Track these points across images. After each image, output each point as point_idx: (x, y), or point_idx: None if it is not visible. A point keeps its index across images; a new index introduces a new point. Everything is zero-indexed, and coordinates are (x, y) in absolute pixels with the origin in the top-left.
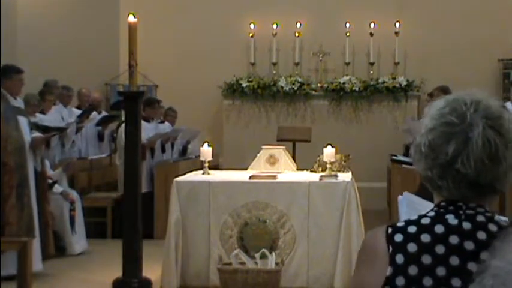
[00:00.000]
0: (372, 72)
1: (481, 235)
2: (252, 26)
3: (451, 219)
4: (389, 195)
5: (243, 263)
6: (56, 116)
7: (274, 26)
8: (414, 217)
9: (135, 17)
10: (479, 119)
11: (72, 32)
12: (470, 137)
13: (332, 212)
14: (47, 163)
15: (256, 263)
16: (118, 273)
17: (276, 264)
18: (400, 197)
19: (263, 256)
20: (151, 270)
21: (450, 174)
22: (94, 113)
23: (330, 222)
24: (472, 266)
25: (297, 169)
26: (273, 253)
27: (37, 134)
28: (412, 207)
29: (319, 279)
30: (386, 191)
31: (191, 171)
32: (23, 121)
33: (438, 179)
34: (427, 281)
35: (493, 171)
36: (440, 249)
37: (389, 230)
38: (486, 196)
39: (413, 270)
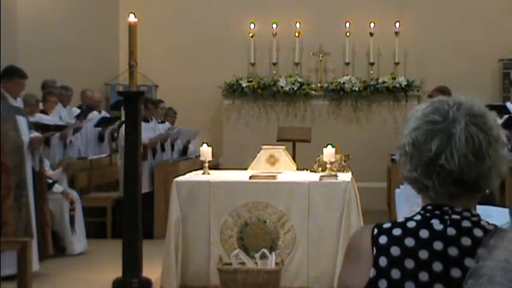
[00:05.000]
0: (372, 72)
1: (466, 241)
2: (252, 26)
3: (436, 224)
4: (389, 195)
5: (243, 263)
6: (55, 115)
7: (274, 26)
8: (401, 219)
9: (135, 17)
10: (461, 116)
11: (72, 32)
12: (453, 133)
13: (332, 212)
14: (47, 163)
15: (256, 263)
16: (118, 273)
17: (276, 264)
18: (397, 190)
19: (263, 256)
20: (151, 270)
21: (435, 171)
22: (95, 112)
23: (330, 222)
24: (455, 272)
25: (297, 169)
26: (273, 253)
27: (36, 134)
28: (412, 200)
29: (319, 279)
30: (386, 191)
31: (191, 171)
32: (21, 121)
33: (424, 178)
34: (410, 285)
35: (478, 167)
36: (423, 254)
37: (375, 230)
38: (472, 194)
39: (395, 274)
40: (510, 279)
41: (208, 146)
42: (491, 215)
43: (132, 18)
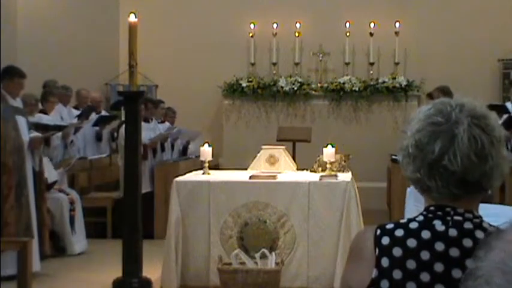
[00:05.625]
0: (371, 72)
1: (467, 242)
2: (252, 26)
3: (438, 225)
4: (389, 195)
5: (243, 263)
6: (56, 115)
7: (274, 26)
8: (404, 220)
9: (135, 17)
10: (464, 118)
11: (72, 32)
12: (456, 134)
13: (332, 212)
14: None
15: (256, 263)
16: (118, 273)
17: (276, 264)
18: (408, 189)
19: (263, 256)
20: (151, 270)
21: (438, 172)
22: (93, 113)
23: (330, 222)
24: (456, 273)
25: (297, 169)
26: (273, 253)
27: (35, 134)
28: (419, 200)
29: (319, 279)
30: (386, 191)
31: (191, 171)
32: (21, 121)
33: (427, 180)
34: (411, 286)
35: (480, 168)
36: (425, 255)
37: (378, 231)
38: (474, 195)
39: (397, 274)
40: (508, 281)
41: (209, 146)
42: (499, 213)
43: (132, 18)
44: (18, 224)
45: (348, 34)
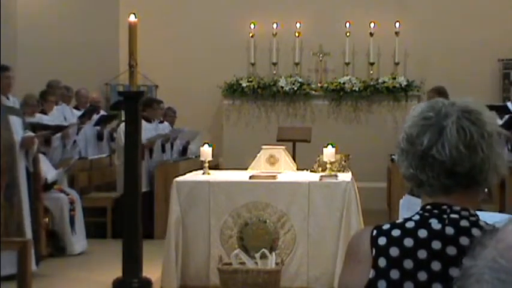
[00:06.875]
0: (372, 72)
1: (464, 240)
2: (252, 26)
3: (435, 223)
4: (389, 195)
5: (243, 263)
6: (58, 116)
7: (274, 26)
8: (400, 220)
9: (135, 17)
10: (454, 111)
11: (72, 32)
12: (445, 126)
13: (332, 212)
14: (49, 163)
15: (256, 263)
16: (118, 273)
17: (276, 264)
18: (401, 200)
19: (263, 256)
20: (151, 270)
21: (427, 162)
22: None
23: (330, 222)
24: (453, 271)
25: (297, 169)
26: (273, 253)
27: (28, 134)
28: (413, 208)
29: (319, 279)
30: (386, 191)
31: (191, 171)
32: (15, 121)
33: (419, 173)
34: (408, 285)
35: (470, 159)
36: (422, 254)
37: (374, 232)
38: (467, 189)
39: (395, 274)
40: (498, 278)
41: (209, 146)
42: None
43: (132, 18)
44: (10, 224)
45: (348, 34)
